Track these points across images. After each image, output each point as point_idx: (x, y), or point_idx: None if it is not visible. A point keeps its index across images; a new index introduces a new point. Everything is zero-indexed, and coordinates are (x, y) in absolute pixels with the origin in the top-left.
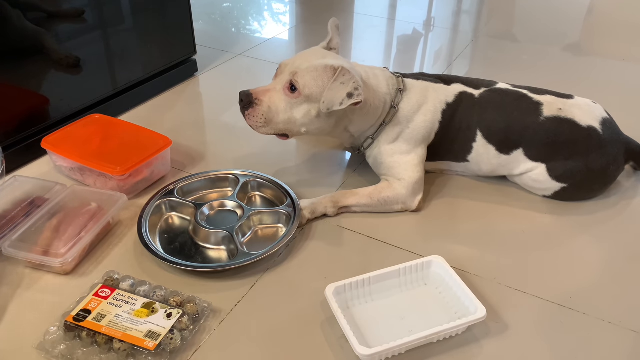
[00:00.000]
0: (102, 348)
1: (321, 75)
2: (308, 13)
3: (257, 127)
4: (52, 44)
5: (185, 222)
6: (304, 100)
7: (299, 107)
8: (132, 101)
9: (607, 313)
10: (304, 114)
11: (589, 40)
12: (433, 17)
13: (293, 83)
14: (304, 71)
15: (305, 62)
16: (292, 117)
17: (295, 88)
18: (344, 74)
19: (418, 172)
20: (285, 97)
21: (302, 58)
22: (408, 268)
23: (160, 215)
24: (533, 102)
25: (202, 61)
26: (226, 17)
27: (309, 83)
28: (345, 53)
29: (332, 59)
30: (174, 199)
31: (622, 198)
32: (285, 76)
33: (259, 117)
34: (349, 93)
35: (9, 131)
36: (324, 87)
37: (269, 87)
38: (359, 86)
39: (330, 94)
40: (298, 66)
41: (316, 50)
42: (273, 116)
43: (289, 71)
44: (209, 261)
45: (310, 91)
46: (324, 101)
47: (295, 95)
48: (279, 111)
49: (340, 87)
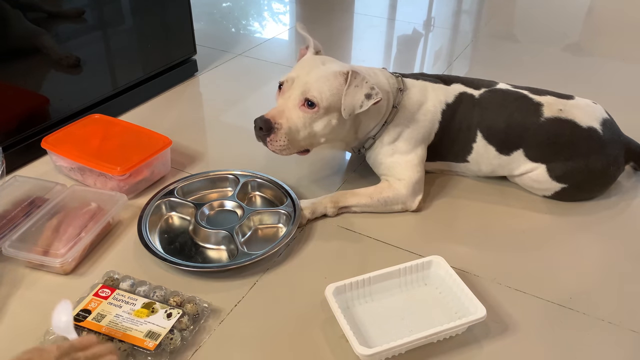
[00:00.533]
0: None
1: (334, 83)
2: (308, 13)
3: (280, 151)
4: (52, 44)
5: (185, 222)
6: (324, 112)
7: (319, 120)
8: (132, 101)
9: (607, 313)
10: (324, 126)
11: (589, 40)
12: (433, 17)
13: (309, 99)
14: (316, 84)
15: (312, 74)
16: (312, 131)
17: (313, 103)
18: (355, 77)
19: (418, 172)
20: (302, 114)
21: (305, 70)
22: (408, 268)
23: (160, 215)
24: (533, 102)
25: (202, 61)
26: (226, 17)
27: (326, 94)
28: (345, 53)
29: (334, 64)
30: (174, 199)
31: (622, 198)
32: (296, 93)
33: (282, 141)
34: (366, 94)
35: (9, 131)
36: (339, 94)
37: (281, 107)
38: (373, 85)
39: (349, 99)
40: (307, 80)
41: (313, 59)
42: (294, 136)
43: (300, 87)
44: (209, 261)
45: (328, 102)
46: (345, 108)
47: (315, 110)
48: (299, 129)
49: (356, 91)
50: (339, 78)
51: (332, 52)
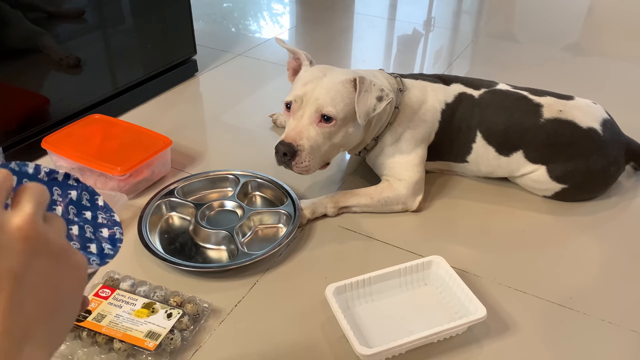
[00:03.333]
0: (103, 348)
1: (344, 93)
2: (308, 13)
3: (307, 171)
4: (53, 44)
5: (186, 222)
6: (341, 123)
7: (338, 132)
8: (132, 101)
9: (608, 313)
10: (343, 136)
11: (589, 40)
12: (433, 17)
13: (326, 114)
14: (328, 98)
15: (320, 89)
16: (332, 144)
17: (329, 117)
18: (362, 82)
19: (418, 172)
20: (320, 130)
21: (311, 86)
22: (408, 268)
23: (161, 215)
24: (533, 103)
25: (202, 61)
26: (226, 17)
27: (340, 106)
28: (345, 53)
29: (336, 73)
30: (174, 199)
31: (622, 198)
32: (310, 110)
33: (306, 161)
34: (378, 97)
35: (9, 131)
36: (352, 103)
37: (297, 127)
38: (382, 87)
39: (362, 105)
40: (318, 96)
41: (312, 72)
42: (316, 153)
43: (313, 105)
44: (209, 261)
45: (344, 113)
46: (360, 115)
47: (332, 123)
48: (319, 146)
49: (367, 96)
50: (348, 86)
51: (332, 53)
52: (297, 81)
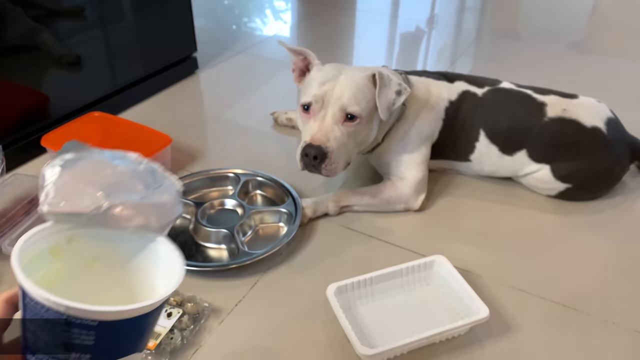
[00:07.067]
0: None
1: (365, 90)
2: (310, 10)
3: (334, 173)
4: (52, 41)
5: (186, 221)
6: (366, 120)
7: (361, 130)
8: (132, 99)
9: (611, 313)
10: (367, 132)
11: (593, 38)
12: (436, 14)
13: (350, 113)
14: (351, 96)
15: (341, 88)
16: (357, 141)
17: (353, 116)
18: (381, 77)
19: (421, 171)
20: (345, 129)
21: (330, 85)
22: (410, 268)
23: None
24: (537, 102)
25: (203, 58)
26: (227, 14)
27: (363, 104)
28: (347, 51)
29: (351, 70)
30: None
31: (627, 198)
32: (333, 110)
33: (335, 162)
34: (397, 91)
35: (9, 129)
36: (373, 99)
37: (322, 129)
38: (399, 81)
39: (382, 100)
40: (340, 95)
41: (327, 71)
42: (342, 154)
43: (336, 104)
44: (209, 260)
45: (367, 110)
46: (382, 110)
47: (357, 122)
48: (345, 145)
49: (386, 90)
50: (367, 82)
51: (335, 50)
52: (311, 81)
